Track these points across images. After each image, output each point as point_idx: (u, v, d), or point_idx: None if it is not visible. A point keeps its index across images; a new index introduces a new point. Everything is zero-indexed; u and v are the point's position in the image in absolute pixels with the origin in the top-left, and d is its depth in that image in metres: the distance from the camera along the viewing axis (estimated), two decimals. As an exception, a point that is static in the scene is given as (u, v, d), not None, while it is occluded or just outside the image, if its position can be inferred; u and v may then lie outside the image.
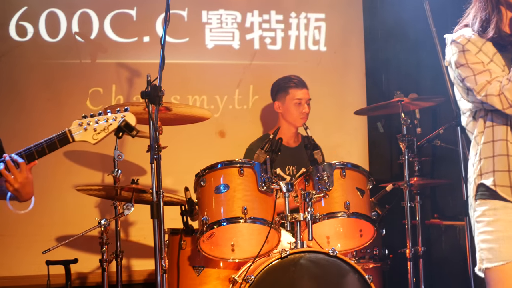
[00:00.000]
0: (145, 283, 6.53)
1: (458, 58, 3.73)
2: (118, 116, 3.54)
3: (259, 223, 5.13)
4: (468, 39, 3.73)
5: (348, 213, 5.20)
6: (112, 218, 5.72)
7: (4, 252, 6.14)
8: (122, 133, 3.75)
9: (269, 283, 4.91)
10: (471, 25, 3.79)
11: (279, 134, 5.38)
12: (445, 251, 6.44)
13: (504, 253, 3.62)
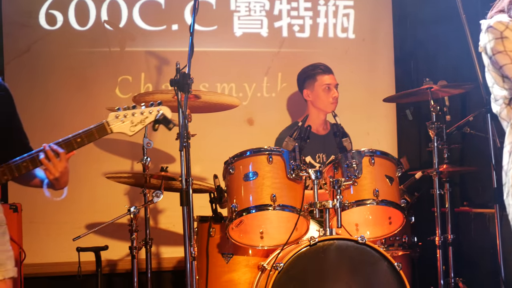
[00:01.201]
0: (174, 271, 6.56)
1: (495, 45, 3.67)
2: (154, 110, 3.55)
3: (288, 211, 5.13)
4: (506, 25, 3.67)
5: (377, 201, 5.19)
6: (142, 206, 5.74)
7: (35, 239, 6.18)
8: (159, 126, 3.77)
9: (298, 271, 4.92)
10: (507, 11, 3.73)
11: (308, 121, 5.38)
12: (475, 239, 6.41)
13: None
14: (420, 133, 6.99)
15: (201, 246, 5.47)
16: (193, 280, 4.99)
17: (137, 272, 5.87)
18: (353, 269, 4.96)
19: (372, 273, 4.96)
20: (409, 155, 7.01)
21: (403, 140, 7.21)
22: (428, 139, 5.88)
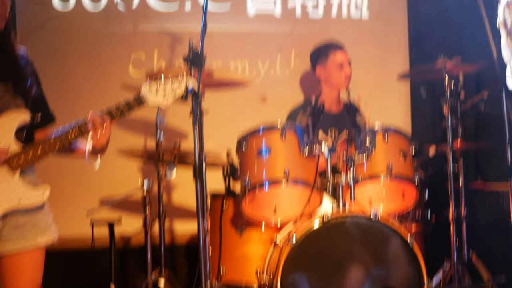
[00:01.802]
0: (188, 245, 6.58)
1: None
2: (183, 81, 3.64)
3: (301, 186, 5.14)
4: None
5: (391, 176, 5.19)
6: (155, 181, 5.76)
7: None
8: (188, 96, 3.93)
9: (310, 245, 4.93)
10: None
11: (320, 99, 5.37)
12: (488, 215, 6.40)
13: None
14: (434, 110, 6.96)
15: (214, 221, 5.48)
16: (206, 255, 5.00)
17: (150, 246, 5.89)
18: (366, 244, 4.96)
19: (385, 248, 4.97)
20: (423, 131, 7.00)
21: (417, 117, 7.19)
22: (442, 116, 5.86)
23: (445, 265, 5.71)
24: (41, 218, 3.54)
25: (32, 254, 3.50)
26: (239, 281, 5.38)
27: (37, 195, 3.49)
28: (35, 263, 3.52)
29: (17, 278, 3.47)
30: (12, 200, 3.43)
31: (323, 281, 4.88)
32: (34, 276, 3.52)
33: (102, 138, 3.58)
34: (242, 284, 5.38)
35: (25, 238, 3.47)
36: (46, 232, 3.55)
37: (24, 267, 3.48)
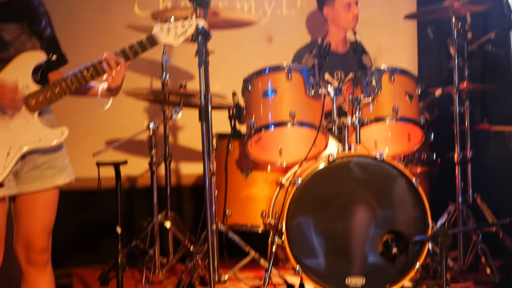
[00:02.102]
0: (194, 187, 6.61)
1: None
2: (193, 22, 3.69)
3: (307, 127, 5.14)
4: None
5: (396, 117, 5.19)
6: (161, 122, 5.77)
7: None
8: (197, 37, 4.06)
9: (316, 186, 4.95)
10: None
11: (327, 39, 5.34)
12: (494, 157, 6.40)
13: None
14: (441, 50, 6.92)
15: (220, 162, 5.50)
16: (212, 196, 5.03)
17: (156, 187, 5.93)
18: (371, 185, 4.98)
19: (390, 189, 4.99)
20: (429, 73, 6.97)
21: (424, 58, 7.15)
22: (449, 57, 5.83)
23: (450, 207, 5.73)
24: (59, 159, 3.58)
25: (48, 194, 3.54)
26: (245, 223, 5.42)
27: (56, 136, 3.52)
28: (50, 204, 3.56)
29: (31, 218, 3.52)
30: (32, 140, 3.46)
31: (328, 223, 4.91)
32: (48, 216, 3.56)
33: (117, 78, 3.62)
34: (247, 226, 5.42)
35: (43, 179, 3.52)
36: (63, 173, 3.58)
37: (38, 207, 3.53)
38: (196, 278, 5.30)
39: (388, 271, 4.92)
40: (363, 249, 4.92)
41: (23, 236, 3.52)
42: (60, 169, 3.57)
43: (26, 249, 3.51)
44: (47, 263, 3.56)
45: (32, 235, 3.51)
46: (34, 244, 3.51)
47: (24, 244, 3.52)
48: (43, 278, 3.55)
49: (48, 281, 3.58)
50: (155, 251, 5.84)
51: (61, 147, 3.60)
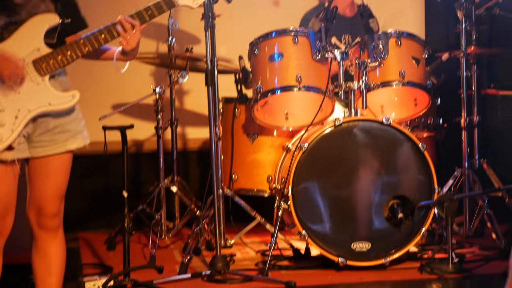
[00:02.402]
0: (200, 151, 6.61)
1: None
2: None
3: (313, 91, 5.14)
4: None
5: (403, 82, 5.17)
6: (167, 86, 5.76)
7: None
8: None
9: (322, 151, 4.95)
10: None
11: (334, 3, 5.31)
12: (501, 121, 6.38)
13: None
14: (448, 14, 6.87)
15: (226, 127, 5.50)
16: (218, 160, 5.04)
17: (162, 152, 5.94)
18: (377, 150, 4.98)
19: (396, 154, 4.98)
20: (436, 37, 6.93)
21: (431, 22, 7.10)
22: (456, 21, 5.80)
23: (456, 173, 5.73)
24: (71, 123, 3.54)
25: (60, 158, 3.53)
26: (251, 188, 5.43)
27: (66, 100, 3.49)
28: (63, 168, 3.55)
29: (43, 182, 3.51)
30: (41, 103, 3.44)
31: (334, 188, 4.91)
32: (60, 180, 3.55)
33: (132, 41, 3.57)
34: (253, 191, 5.43)
35: (56, 143, 3.50)
36: (77, 137, 3.55)
37: (51, 171, 3.52)
38: (202, 242, 5.32)
39: (393, 236, 4.94)
40: (369, 214, 4.93)
41: (35, 200, 3.52)
42: (73, 133, 3.54)
43: (37, 213, 3.52)
44: (58, 228, 3.57)
45: (44, 200, 3.51)
46: (45, 208, 3.51)
47: (35, 208, 3.52)
48: (53, 242, 3.56)
49: (59, 245, 3.59)
50: (161, 216, 5.86)
51: (74, 111, 3.57)
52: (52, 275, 3.56)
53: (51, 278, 3.56)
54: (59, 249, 3.59)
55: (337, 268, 4.91)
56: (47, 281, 3.55)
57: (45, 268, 3.56)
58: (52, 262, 3.56)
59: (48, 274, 3.55)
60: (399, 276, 4.83)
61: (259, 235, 5.83)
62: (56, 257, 3.57)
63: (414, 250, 5.26)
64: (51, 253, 3.55)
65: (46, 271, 3.55)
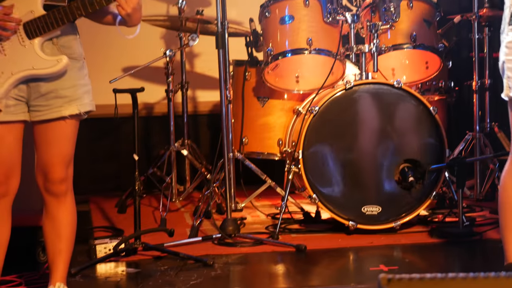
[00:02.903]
0: (210, 114, 6.61)
1: None
2: None
3: (324, 55, 5.11)
4: None
5: (414, 45, 5.15)
6: (177, 49, 5.74)
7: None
8: None
9: (333, 114, 4.93)
10: None
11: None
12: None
13: None
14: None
15: (236, 90, 5.49)
16: (228, 123, 5.04)
17: (173, 115, 5.94)
18: (388, 113, 4.96)
19: (407, 118, 4.97)
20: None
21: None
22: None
23: (467, 136, 5.72)
24: (67, 89, 3.43)
25: (61, 124, 3.45)
26: (261, 151, 5.43)
27: (50, 64, 3.37)
28: (65, 134, 3.47)
29: (46, 148, 3.47)
30: (25, 67, 3.35)
31: (344, 151, 4.91)
32: (64, 147, 3.48)
33: (127, 6, 3.40)
34: (264, 154, 5.42)
35: (50, 108, 3.42)
36: (72, 103, 3.43)
37: (52, 137, 3.46)
38: (213, 206, 5.34)
39: (404, 200, 4.94)
40: (379, 178, 4.92)
41: (41, 166, 3.49)
42: (68, 99, 3.42)
43: (44, 179, 3.49)
44: (66, 193, 3.53)
45: (49, 166, 3.47)
46: (51, 174, 3.47)
47: (42, 174, 3.49)
48: (62, 208, 3.53)
49: (68, 211, 3.55)
50: (172, 179, 5.88)
51: (71, 76, 3.44)
52: (62, 240, 3.55)
53: (61, 243, 3.55)
54: (68, 215, 3.56)
55: (348, 231, 4.92)
56: (57, 245, 3.55)
57: (55, 232, 3.55)
58: (62, 227, 3.54)
59: (58, 239, 3.55)
60: (409, 239, 4.84)
61: (270, 198, 5.84)
62: (65, 222, 3.55)
63: (425, 214, 5.26)
64: (60, 218, 3.53)
65: (56, 235, 3.55)
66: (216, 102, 6.30)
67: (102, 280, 4.28)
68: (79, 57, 3.48)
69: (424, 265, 4.49)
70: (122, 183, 6.33)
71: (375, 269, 4.30)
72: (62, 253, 3.56)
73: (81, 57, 3.50)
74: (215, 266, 4.37)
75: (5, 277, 4.09)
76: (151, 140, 6.54)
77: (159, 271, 4.32)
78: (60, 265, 3.57)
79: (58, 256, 3.56)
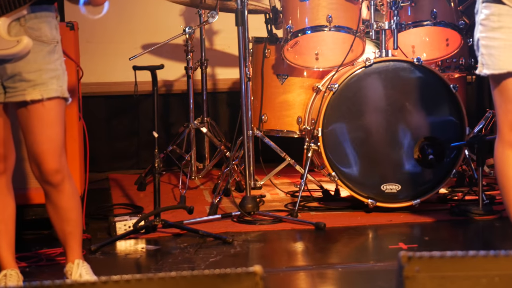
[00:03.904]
0: (229, 92, 6.60)
1: None
2: None
3: (344, 32, 5.09)
4: None
5: (435, 22, 5.11)
6: (197, 26, 5.73)
7: (91, 59, 6.21)
8: None
9: (352, 92, 4.92)
10: None
11: None
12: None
13: (503, 62, 3.52)
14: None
15: (256, 67, 5.47)
16: (248, 101, 5.03)
17: (192, 92, 5.93)
18: (408, 91, 4.94)
19: (427, 95, 4.95)
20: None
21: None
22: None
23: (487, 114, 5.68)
24: (33, 73, 3.33)
25: (37, 109, 3.35)
26: (281, 129, 5.41)
27: (9, 45, 3.27)
28: (44, 119, 3.36)
29: (30, 136, 3.37)
30: None
31: (364, 129, 4.90)
32: (47, 132, 3.37)
33: None
34: (283, 132, 5.41)
35: (16, 91, 3.34)
36: (36, 88, 3.32)
37: (31, 123, 3.36)
38: (232, 183, 5.34)
39: (423, 178, 4.92)
40: (399, 156, 4.91)
41: (32, 157, 3.40)
42: (33, 83, 3.32)
43: (38, 170, 3.41)
44: (63, 182, 3.43)
45: (40, 156, 3.38)
46: (43, 165, 3.38)
47: (35, 165, 3.41)
48: (62, 195, 3.46)
49: (68, 197, 3.48)
50: (191, 157, 5.88)
51: (37, 60, 3.34)
52: (69, 223, 3.50)
53: (69, 226, 3.50)
54: (69, 201, 3.48)
55: (367, 209, 4.92)
56: (66, 228, 3.50)
57: (60, 218, 3.48)
58: (66, 213, 3.49)
59: (65, 223, 3.49)
60: (429, 218, 4.83)
61: (289, 176, 5.84)
62: (68, 208, 3.49)
63: (444, 192, 5.25)
64: (62, 205, 3.47)
65: (62, 220, 3.48)
66: (235, 80, 6.30)
67: (122, 257, 4.31)
68: (50, 41, 3.38)
69: (443, 244, 4.48)
70: (141, 161, 6.35)
71: (394, 247, 4.31)
72: (72, 234, 3.53)
73: (53, 41, 3.39)
74: (234, 244, 4.39)
75: (26, 253, 4.13)
76: (170, 118, 6.54)
77: (178, 248, 4.34)
78: (73, 245, 3.54)
79: (69, 237, 3.53)
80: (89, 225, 4.71)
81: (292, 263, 4.29)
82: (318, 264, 4.16)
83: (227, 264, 4.09)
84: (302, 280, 4.03)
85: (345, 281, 4.00)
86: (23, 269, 3.65)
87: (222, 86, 6.62)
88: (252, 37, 5.49)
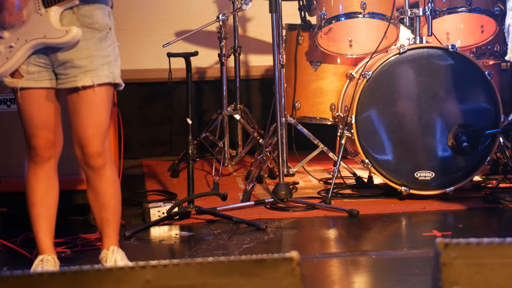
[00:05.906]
0: (262, 79, 6.60)
1: None
2: None
3: (378, 18, 5.08)
4: None
5: (470, 8, 5.08)
6: (230, 13, 5.73)
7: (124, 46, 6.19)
8: None
9: (386, 79, 4.90)
10: None
11: None
12: None
13: None
14: None
15: (289, 54, 5.47)
16: (281, 88, 5.03)
17: (226, 79, 5.94)
18: (442, 78, 4.92)
19: (461, 83, 4.92)
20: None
21: None
22: None
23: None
24: (84, 59, 3.39)
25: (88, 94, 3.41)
26: (314, 116, 5.41)
27: (59, 34, 3.35)
28: (93, 104, 3.43)
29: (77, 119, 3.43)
30: (37, 35, 3.35)
31: (397, 116, 4.88)
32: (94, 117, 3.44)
33: None
34: (316, 119, 5.41)
35: (67, 77, 3.41)
36: (88, 74, 3.38)
37: (80, 107, 3.42)
38: (265, 170, 5.35)
39: (457, 166, 4.90)
40: (433, 143, 4.89)
41: (77, 139, 3.46)
42: (84, 69, 3.39)
43: (81, 153, 3.46)
44: (104, 166, 3.48)
45: (84, 139, 3.44)
46: (87, 148, 3.44)
47: (79, 148, 3.46)
48: (103, 180, 3.50)
49: (109, 182, 3.52)
50: (224, 143, 5.89)
51: (88, 47, 3.41)
52: (108, 210, 3.53)
53: (107, 213, 3.53)
54: (109, 187, 3.52)
55: (400, 197, 4.91)
56: (104, 215, 3.54)
57: (99, 204, 3.53)
58: (105, 199, 3.52)
59: (103, 209, 3.53)
60: (463, 205, 4.81)
61: (322, 163, 5.84)
62: (108, 194, 3.53)
63: (478, 180, 5.22)
64: (102, 191, 3.51)
65: (101, 206, 3.52)
66: (268, 67, 6.30)
67: (156, 243, 4.33)
68: (102, 28, 3.44)
69: (477, 231, 4.46)
70: (174, 148, 6.38)
71: (428, 234, 4.29)
72: (109, 222, 3.55)
73: (105, 27, 3.45)
74: (268, 230, 4.40)
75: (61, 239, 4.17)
76: (203, 105, 6.55)
77: (212, 235, 4.36)
78: (110, 232, 3.57)
79: (106, 224, 3.56)
80: (123, 212, 4.72)
81: (325, 250, 4.29)
82: (352, 251, 4.15)
83: (261, 251, 4.10)
84: (335, 267, 4.03)
85: (378, 268, 3.99)
86: (58, 255, 3.68)
87: (255, 73, 6.62)
88: (286, 24, 5.49)
